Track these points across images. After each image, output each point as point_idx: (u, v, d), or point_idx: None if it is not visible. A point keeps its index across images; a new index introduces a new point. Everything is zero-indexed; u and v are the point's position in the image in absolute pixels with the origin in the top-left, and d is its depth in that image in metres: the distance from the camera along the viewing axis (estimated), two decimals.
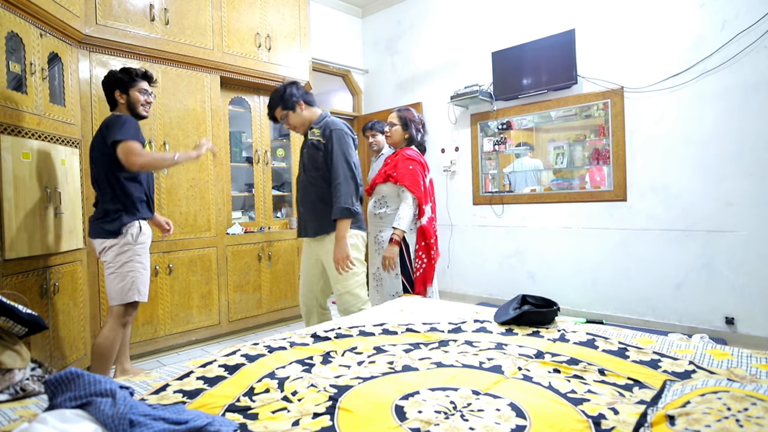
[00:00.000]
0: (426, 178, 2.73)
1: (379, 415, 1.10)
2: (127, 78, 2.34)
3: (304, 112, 2.42)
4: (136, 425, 0.91)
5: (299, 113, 2.41)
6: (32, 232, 2.30)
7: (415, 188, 2.61)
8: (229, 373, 1.40)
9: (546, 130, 4.17)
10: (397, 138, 2.79)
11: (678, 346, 1.55)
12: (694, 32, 3.20)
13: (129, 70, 2.37)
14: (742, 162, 3.04)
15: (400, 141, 2.79)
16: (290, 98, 2.38)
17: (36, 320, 1.51)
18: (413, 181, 2.61)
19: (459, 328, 1.86)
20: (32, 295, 2.31)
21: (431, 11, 4.78)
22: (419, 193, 2.62)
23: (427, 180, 2.74)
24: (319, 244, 2.45)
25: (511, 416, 1.08)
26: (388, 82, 5.25)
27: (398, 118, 2.78)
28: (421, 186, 2.63)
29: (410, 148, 2.77)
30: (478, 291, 4.47)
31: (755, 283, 3.00)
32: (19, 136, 2.26)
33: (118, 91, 2.35)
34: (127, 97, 2.35)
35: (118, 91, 2.35)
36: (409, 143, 2.79)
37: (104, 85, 2.38)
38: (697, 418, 0.88)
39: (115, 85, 2.34)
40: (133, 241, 2.29)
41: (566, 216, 3.85)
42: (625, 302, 3.55)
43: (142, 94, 2.37)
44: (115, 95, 2.36)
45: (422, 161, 2.74)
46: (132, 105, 2.36)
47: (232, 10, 3.49)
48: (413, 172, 2.63)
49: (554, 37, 3.78)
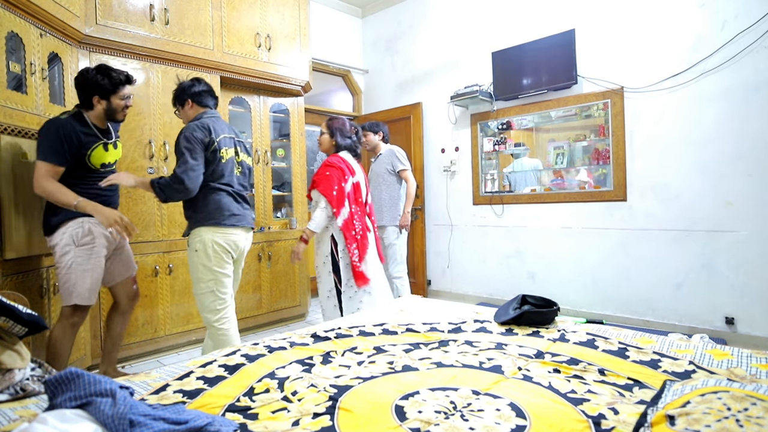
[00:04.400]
0: (347, 182, 2.85)
1: (379, 415, 1.10)
2: (109, 86, 2.17)
3: (189, 110, 2.41)
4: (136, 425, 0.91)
5: (185, 110, 2.42)
6: (32, 232, 2.30)
7: (327, 192, 2.79)
8: (229, 373, 1.40)
9: (546, 130, 4.17)
10: (327, 145, 2.96)
11: (678, 346, 1.55)
12: (694, 32, 3.20)
13: (111, 76, 2.18)
14: (742, 162, 3.03)
15: (329, 148, 2.96)
16: (180, 94, 2.40)
17: (36, 320, 1.51)
18: (326, 186, 2.79)
19: (459, 328, 1.86)
20: (32, 295, 2.31)
21: (431, 11, 4.78)
22: (330, 197, 2.78)
23: (348, 184, 2.86)
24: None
25: (511, 416, 1.08)
26: (388, 82, 5.25)
27: (326, 127, 2.95)
28: (334, 190, 2.78)
29: (336, 155, 2.91)
30: (478, 291, 4.47)
31: (755, 283, 3.00)
32: (19, 136, 2.26)
33: (97, 97, 2.17)
34: (108, 104, 2.20)
35: (97, 96, 2.17)
36: (336, 150, 2.94)
37: (80, 85, 2.18)
38: (697, 418, 0.88)
39: (94, 91, 2.17)
40: (73, 242, 2.14)
41: (566, 216, 3.85)
42: (625, 302, 3.55)
43: (124, 99, 2.23)
44: (93, 100, 2.18)
45: (342, 166, 2.85)
46: (111, 112, 2.22)
47: (232, 10, 3.49)
48: (328, 178, 2.80)
49: (554, 37, 3.78)
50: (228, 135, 2.39)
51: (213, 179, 2.30)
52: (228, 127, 2.44)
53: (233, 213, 2.35)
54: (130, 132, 2.98)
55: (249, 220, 2.46)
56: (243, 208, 2.44)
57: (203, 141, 2.24)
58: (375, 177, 3.76)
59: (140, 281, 3.02)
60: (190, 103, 2.40)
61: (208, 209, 2.30)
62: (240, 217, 2.39)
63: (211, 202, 2.30)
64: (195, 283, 2.36)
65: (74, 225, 2.14)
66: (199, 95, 2.39)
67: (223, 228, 2.32)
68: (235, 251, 2.39)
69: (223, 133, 2.35)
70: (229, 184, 2.36)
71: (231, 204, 2.36)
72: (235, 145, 2.43)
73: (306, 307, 4.12)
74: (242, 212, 2.42)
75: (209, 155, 2.27)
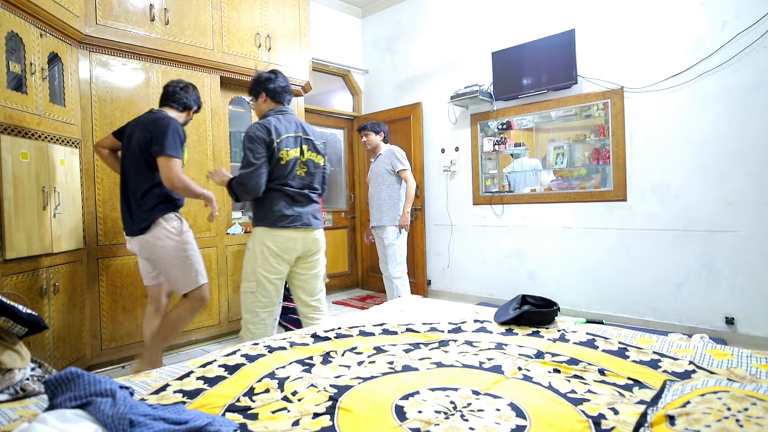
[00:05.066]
0: None
1: (379, 415, 1.10)
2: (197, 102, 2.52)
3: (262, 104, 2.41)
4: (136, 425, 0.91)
5: (258, 103, 2.42)
6: (32, 232, 2.30)
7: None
8: (229, 373, 1.40)
9: (546, 130, 4.17)
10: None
11: (678, 346, 1.55)
12: (694, 32, 3.20)
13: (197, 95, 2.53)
14: (742, 162, 3.03)
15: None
16: (255, 86, 2.39)
17: (36, 320, 1.51)
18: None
19: (459, 328, 1.86)
20: (32, 295, 2.31)
21: (431, 11, 4.78)
22: None
23: None
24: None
25: (511, 416, 1.08)
26: (388, 82, 5.25)
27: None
28: None
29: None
30: (478, 291, 4.47)
31: (755, 283, 3.00)
32: (19, 136, 2.26)
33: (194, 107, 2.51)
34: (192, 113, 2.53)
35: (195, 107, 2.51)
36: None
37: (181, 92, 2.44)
38: (697, 418, 0.88)
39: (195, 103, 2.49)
40: (185, 228, 2.38)
41: (566, 216, 3.85)
42: (625, 302, 3.55)
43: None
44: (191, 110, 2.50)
45: None
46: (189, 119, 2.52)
47: (232, 10, 3.49)
48: None
49: (554, 37, 3.78)
50: (293, 134, 2.31)
51: (271, 179, 2.26)
52: (296, 125, 2.35)
53: (284, 214, 2.28)
54: None
55: (305, 220, 2.35)
56: (300, 208, 2.34)
57: (265, 140, 2.21)
58: (375, 177, 3.76)
59: (141, 281, 3.02)
60: (263, 97, 2.36)
61: (263, 210, 2.29)
62: (293, 218, 2.30)
63: (265, 203, 2.29)
64: (242, 280, 2.37)
65: (174, 215, 2.31)
66: (273, 90, 2.35)
67: (273, 230, 2.28)
68: (287, 253, 2.32)
69: (287, 132, 2.29)
70: (287, 185, 2.29)
71: (284, 206, 2.29)
72: (301, 144, 2.34)
73: None
74: (297, 213, 2.32)
75: (268, 155, 2.24)
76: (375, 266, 5.02)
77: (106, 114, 2.89)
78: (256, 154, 2.19)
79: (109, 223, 2.90)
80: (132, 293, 2.99)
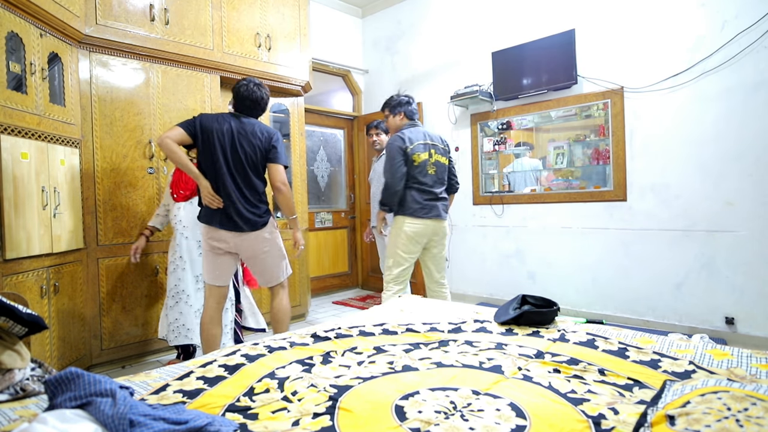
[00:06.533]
0: None
1: (379, 415, 1.10)
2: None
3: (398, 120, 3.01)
4: (136, 425, 0.91)
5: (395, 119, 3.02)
6: (32, 232, 2.30)
7: None
8: (229, 373, 1.40)
9: (546, 130, 4.17)
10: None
11: (678, 346, 1.55)
12: (694, 32, 3.20)
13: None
14: (742, 162, 3.03)
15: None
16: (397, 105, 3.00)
17: (36, 320, 1.51)
18: None
19: (459, 328, 1.86)
20: (32, 295, 2.31)
21: (431, 11, 4.78)
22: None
23: None
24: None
25: (511, 416, 1.08)
26: (388, 82, 5.24)
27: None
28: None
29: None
30: (478, 291, 4.47)
31: (755, 283, 3.00)
32: (19, 136, 2.26)
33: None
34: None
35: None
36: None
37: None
38: (697, 418, 0.88)
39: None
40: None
41: (566, 216, 3.85)
42: (625, 302, 3.55)
43: None
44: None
45: None
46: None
47: (232, 10, 3.49)
48: None
49: (554, 37, 3.78)
50: (422, 141, 2.89)
51: (407, 179, 2.85)
52: (424, 134, 2.93)
53: (421, 206, 2.86)
54: (129, 132, 2.98)
55: (438, 211, 2.92)
56: (433, 201, 2.91)
57: (401, 148, 2.82)
58: (377, 177, 3.75)
59: (141, 281, 3.03)
60: (401, 115, 3.00)
61: (404, 203, 2.87)
62: (427, 209, 2.88)
63: (406, 197, 2.87)
64: (386, 258, 3.02)
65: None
66: (410, 112, 3.00)
67: (411, 218, 2.86)
68: (421, 237, 2.90)
69: (418, 140, 2.87)
70: (421, 183, 2.87)
71: (419, 199, 2.87)
72: (429, 149, 2.90)
73: (306, 307, 4.12)
74: (429, 205, 2.89)
75: (404, 159, 2.82)
76: (375, 266, 5.02)
77: (106, 114, 2.89)
78: (395, 160, 2.81)
79: (109, 223, 2.90)
80: (132, 293, 2.99)
